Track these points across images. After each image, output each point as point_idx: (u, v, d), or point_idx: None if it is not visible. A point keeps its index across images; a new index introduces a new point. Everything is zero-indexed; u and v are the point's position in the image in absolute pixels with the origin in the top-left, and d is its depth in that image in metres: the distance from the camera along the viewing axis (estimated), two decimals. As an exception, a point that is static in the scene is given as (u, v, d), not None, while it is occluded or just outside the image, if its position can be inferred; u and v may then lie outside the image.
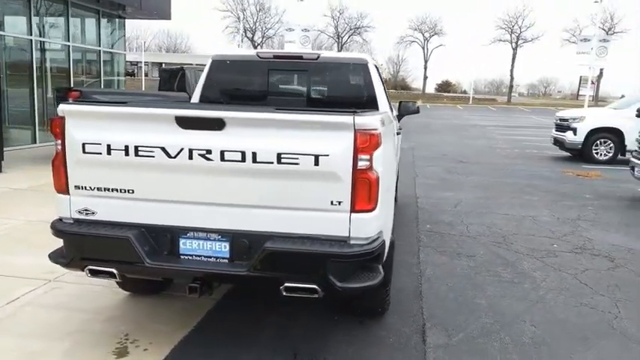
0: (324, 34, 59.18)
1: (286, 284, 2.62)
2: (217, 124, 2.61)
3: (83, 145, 2.75)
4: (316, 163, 2.56)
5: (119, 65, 15.40)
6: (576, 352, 3.23)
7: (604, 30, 53.14)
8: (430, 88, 70.50)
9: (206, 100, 4.53)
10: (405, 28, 71.37)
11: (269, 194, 2.65)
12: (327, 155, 2.54)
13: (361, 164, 2.56)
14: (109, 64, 14.86)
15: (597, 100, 49.86)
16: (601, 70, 56.24)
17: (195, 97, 4.59)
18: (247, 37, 60.27)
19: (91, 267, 2.80)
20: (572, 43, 57.35)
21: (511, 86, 60.03)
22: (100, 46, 14.00)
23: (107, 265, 2.78)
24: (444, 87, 79.10)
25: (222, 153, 2.61)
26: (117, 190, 2.78)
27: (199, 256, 2.78)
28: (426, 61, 61.70)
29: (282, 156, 2.57)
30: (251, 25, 59.36)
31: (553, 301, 3.99)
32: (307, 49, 25.92)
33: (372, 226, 2.66)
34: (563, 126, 13.26)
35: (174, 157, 2.66)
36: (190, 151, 2.64)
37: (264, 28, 59.97)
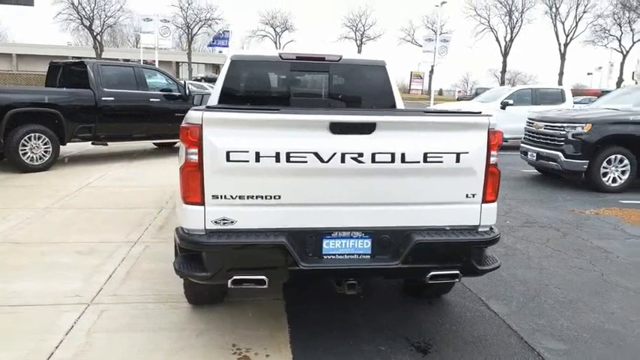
0: (173, 24, 56.73)
1: (432, 273, 2.89)
2: (369, 128, 2.76)
3: (227, 153, 2.68)
4: (457, 160, 2.86)
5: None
6: (601, 303, 4.00)
7: (433, 31, 59.43)
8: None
9: (226, 101, 4.44)
10: (256, 22, 71.78)
11: (412, 191, 2.88)
12: (467, 153, 2.86)
13: (492, 160, 2.93)
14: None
15: (429, 94, 55.80)
16: (432, 66, 63.09)
17: (214, 98, 4.47)
18: (84, 26, 55.26)
19: (237, 277, 2.74)
20: (407, 42, 63.22)
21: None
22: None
23: (257, 273, 2.75)
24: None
25: (373, 155, 2.77)
26: (262, 197, 2.76)
27: (342, 254, 2.89)
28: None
29: (428, 155, 2.82)
30: (88, 13, 54.42)
31: (551, 267, 4.78)
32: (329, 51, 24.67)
33: (494, 214, 3.05)
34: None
35: (327, 161, 2.74)
36: (343, 155, 2.75)
37: (103, 16, 55.43)
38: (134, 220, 5.95)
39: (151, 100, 10.72)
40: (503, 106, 14.49)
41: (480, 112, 2.94)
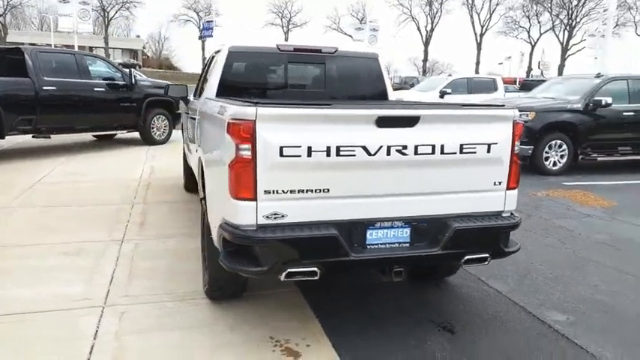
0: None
1: (467, 257, 3.09)
2: (412, 121, 2.88)
3: (281, 148, 2.70)
4: (488, 151, 3.06)
5: None
6: (583, 277, 4.42)
7: (358, 19, 60.38)
8: (196, 69, 69.18)
9: (225, 93, 4.37)
10: (178, 6, 69.09)
11: (448, 181, 3.05)
12: (497, 143, 3.07)
13: (516, 150, 3.16)
14: None
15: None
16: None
17: (212, 90, 4.39)
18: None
19: (291, 270, 2.78)
20: (333, 30, 63.78)
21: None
22: None
23: (310, 265, 2.80)
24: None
25: (415, 147, 2.90)
26: (312, 190, 2.81)
27: (384, 244, 3.01)
28: (203, 42, 61.03)
29: (464, 146, 3.00)
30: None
31: (529, 247, 5.17)
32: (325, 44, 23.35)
33: (515, 200, 3.29)
34: None
35: (374, 154, 2.83)
36: (388, 147, 2.85)
37: (5, -4, 51.03)
38: (108, 217, 5.71)
39: (95, 89, 10.19)
40: (442, 94, 15.16)
41: (504, 105, 3.14)
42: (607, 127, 9.44)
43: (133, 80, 10.81)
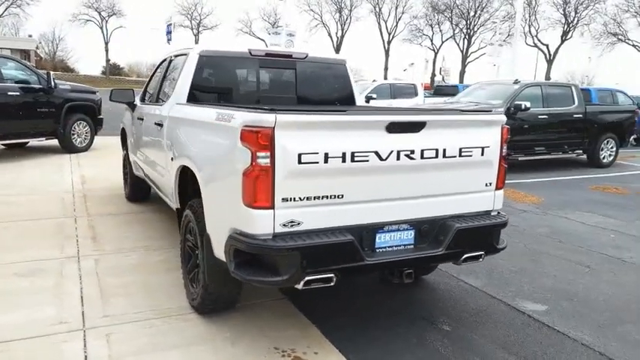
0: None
1: (466, 255, 3.23)
2: (419, 127, 2.97)
3: (299, 155, 2.66)
4: (482, 154, 3.23)
5: None
6: (542, 268, 4.77)
7: (269, 23, 60.43)
8: (94, 71, 65.18)
9: (195, 99, 4.22)
10: (77, 5, 64.71)
11: (447, 183, 3.18)
12: (489, 147, 3.25)
13: (504, 152, 3.36)
14: None
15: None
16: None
17: (182, 95, 4.20)
18: None
19: (309, 277, 2.74)
20: (245, 34, 63.26)
21: (195, 72, 62.24)
22: None
23: (327, 272, 2.78)
24: (113, 70, 74.21)
25: (422, 152, 2.99)
26: (327, 197, 2.80)
27: (391, 247, 3.07)
28: (106, 43, 57.97)
29: (463, 150, 3.14)
30: None
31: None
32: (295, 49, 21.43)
33: (502, 200, 3.49)
34: None
35: (385, 159, 2.89)
36: (398, 152, 2.92)
37: None
38: (53, 232, 5.27)
39: (9, 93, 9.31)
40: (368, 99, 15.59)
41: (491, 111, 3.33)
42: (526, 129, 10.24)
43: (52, 84, 10.01)
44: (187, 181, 3.87)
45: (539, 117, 10.42)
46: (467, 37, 58.92)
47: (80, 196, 6.93)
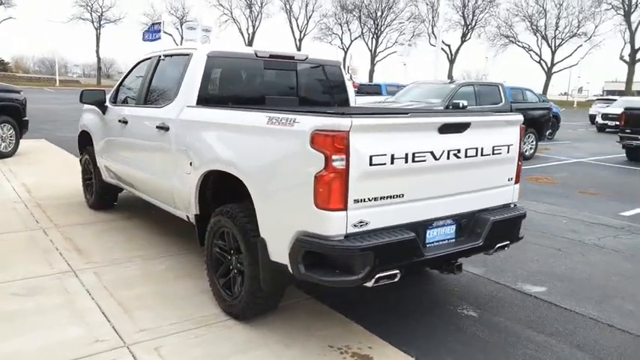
0: None
1: (497, 245, 3.50)
2: (464, 128, 3.18)
3: (370, 157, 2.76)
4: (508, 151, 3.52)
5: None
6: (524, 254, 5.20)
7: (177, 18, 58.48)
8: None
9: (204, 101, 4.12)
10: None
11: (482, 179, 3.42)
12: (512, 145, 3.54)
13: (520, 149, 3.67)
14: None
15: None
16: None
17: (192, 98, 4.08)
18: None
19: (380, 275, 2.84)
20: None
21: (99, 67, 58.86)
22: None
23: (393, 268, 2.90)
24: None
25: (466, 151, 3.21)
26: (391, 196, 2.91)
27: (438, 241, 3.25)
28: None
29: (495, 148, 3.40)
30: None
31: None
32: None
33: (518, 193, 3.79)
34: None
35: (438, 159, 3.06)
36: (448, 152, 3.11)
37: None
38: (26, 246, 4.88)
39: None
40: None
41: (512, 112, 3.63)
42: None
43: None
44: (206, 187, 3.80)
45: (474, 114, 11.16)
46: (375, 36, 61.03)
47: (33, 205, 6.41)
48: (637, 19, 48.10)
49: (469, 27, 55.82)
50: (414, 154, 2.93)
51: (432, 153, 3.02)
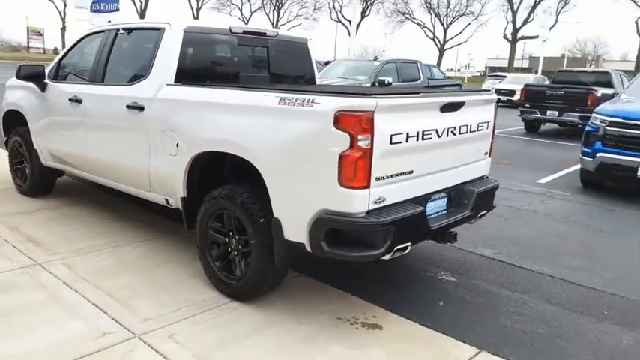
0: None
1: (479, 214, 3.81)
2: (459, 106, 3.41)
3: (391, 136, 2.89)
4: (487, 128, 3.82)
5: None
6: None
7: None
8: None
9: (184, 77, 3.96)
10: None
11: (467, 154, 3.69)
12: (490, 121, 3.85)
13: (494, 126, 4.00)
14: None
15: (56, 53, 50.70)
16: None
17: (169, 75, 3.90)
18: None
19: (397, 247, 3.01)
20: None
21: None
22: None
23: (406, 241, 3.07)
24: None
25: (460, 128, 3.45)
26: (403, 173, 3.08)
27: (434, 213, 3.48)
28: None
29: (479, 125, 3.69)
30: None
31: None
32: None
33: (489, 166, 4.13)
34: None
35: (440, 136, 3.27)
36: (448, 129, 3.33)
37: None
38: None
39: None
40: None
41: (489, 90, 3.94)
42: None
43: None
44: (194, 169, 3.70)
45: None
46: (276, 8, 60.34)
47: (-46, 195, 5.76)
48: (518, 0, 52.22)
49: (368, 2, 57.13)
50: (423, 132, 3.11)
51: (436, 131, 3.21)
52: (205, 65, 4.19)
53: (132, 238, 4.64)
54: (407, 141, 3.00)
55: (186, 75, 3.97)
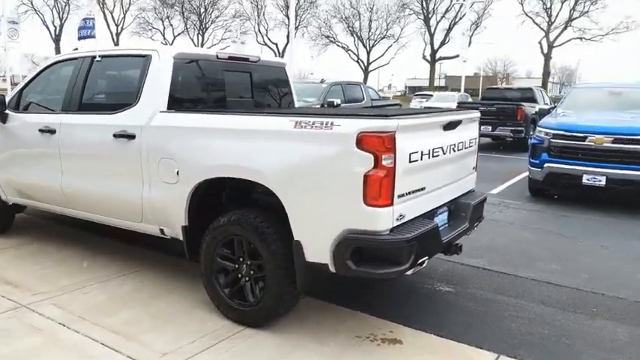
0: None
1: (475, 224, 4.01)
2: (457, 125, 3.60)
3: (410, 155, 3.01)
4: (474, 144, 4.06)
5: None
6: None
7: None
8: None
9: (176, 103, 3.89)
10: None
11: (462, 169, 3.89)
12: (475, 137, 4.09)
13: (477, 142, 4.24)
14: None
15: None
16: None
17: (162, 103, 3.81)
18: None
19: (419, 262, 3.10)
20: None
21: None
22: None
23: (424, 255, 3.18)
24: None
25: (458, 145, 3.64)
26: (418, 190, 3.20)
27: (440, 227, 3.62)
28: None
29: (470, 141, 3.91)
30: None
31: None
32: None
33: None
34: None
35: (445, 153, 3.44)
36: (449, 147, 3.50)
37: None
38: None
39: None
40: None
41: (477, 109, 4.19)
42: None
43: None
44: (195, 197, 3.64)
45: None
46: (200, 32, 59.81)
47: None
48: (434, 24, 55.21)
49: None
50: (433, 149, 3.25)
51: (442, 148, 3.37)
52: (195, 91, 4.15)
53: (116, 271, 4.43)
54: (422, 159, 3.13)
55: (177, 101, 3.90)
